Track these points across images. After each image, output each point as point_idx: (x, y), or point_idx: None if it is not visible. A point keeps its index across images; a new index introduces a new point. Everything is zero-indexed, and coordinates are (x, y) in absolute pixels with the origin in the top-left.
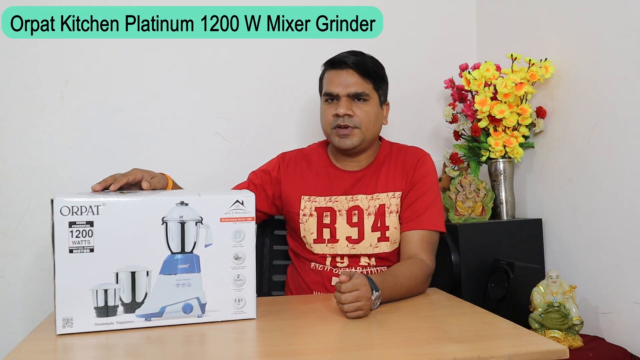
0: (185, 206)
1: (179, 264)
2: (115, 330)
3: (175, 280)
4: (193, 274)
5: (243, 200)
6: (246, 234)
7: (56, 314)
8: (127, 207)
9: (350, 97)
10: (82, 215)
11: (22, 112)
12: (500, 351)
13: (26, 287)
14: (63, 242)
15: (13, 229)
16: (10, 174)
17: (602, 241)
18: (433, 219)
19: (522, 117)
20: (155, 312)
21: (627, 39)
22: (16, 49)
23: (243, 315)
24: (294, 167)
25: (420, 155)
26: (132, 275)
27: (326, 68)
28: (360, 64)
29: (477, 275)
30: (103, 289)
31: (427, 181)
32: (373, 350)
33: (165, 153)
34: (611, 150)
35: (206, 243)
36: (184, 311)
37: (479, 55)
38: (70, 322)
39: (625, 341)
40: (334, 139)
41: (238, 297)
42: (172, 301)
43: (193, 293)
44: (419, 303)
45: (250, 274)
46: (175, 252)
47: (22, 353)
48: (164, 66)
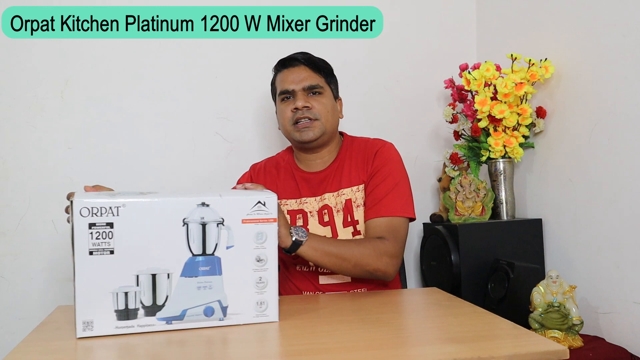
0: (206, 207)
1: (200, 266)
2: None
3: (196, 283)
4: (214, 277)
5: (265, 201)
6: (268, 235)
7: (76, 316)
8: (147, 208)
9: (305, 91)
10: (102, 217)
11: (22, 112)
12: (500, 351)
13: (26, 287)
14: (83, 244)
15: (13, 229)
16: (10, 174)
17: (602, 241)
18: (394, 204)
19: (522, 117)
20: (176, 316)
21: (627, 39)
22: (16, 49)
23: (265, 318)
24: (264, 175)
25: (380, 145)
26: (153, 277)
27: (277, 70)
28: (310, 60)
29: (477, 275)
30: (123, 292)
31: (386, 169)
32: (373, 350)
33: (165, 153)
34: (611, 150)
35: (228, 245)
36: (205, 314)
37: (479, 55)
38: (91, 325)
39: (625, 341)
40: (296, 135)
41: (260, 299)
42: (194, 304)
43: (214, 296)
44: (419, 303)
45: (273, 277)
46: (197, 254)
47: (22, 353)
48: (164, 66)
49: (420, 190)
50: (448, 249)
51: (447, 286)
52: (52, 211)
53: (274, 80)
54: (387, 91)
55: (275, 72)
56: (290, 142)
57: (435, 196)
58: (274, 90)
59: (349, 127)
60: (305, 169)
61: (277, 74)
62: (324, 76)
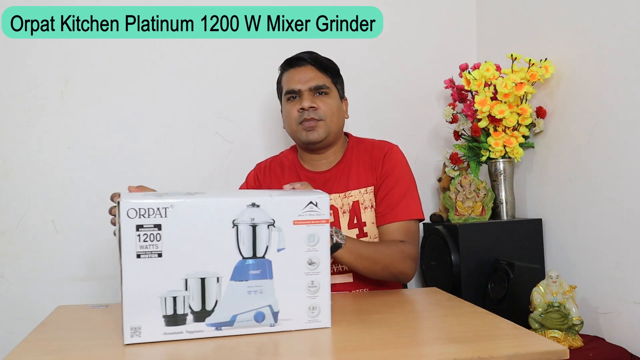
0: (256, 208)
1: (250, 270)
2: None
3: (246, 287)
4: (265, 281)
5: (317, 202)
6: (320, 237)
7: (124, 322)
8: (196, 208)
9: (311, 91)
10: (150, 218)
11: (22, 112)
12: (500, 351)
13: (26, 287)
14: (130, 246)
15: (13, 229)
16: (10, 174)
17: (602, 241)
18: (409, 208)
19: (522, 117)
20: (226, 321)
21: (627, 39)
22: (16, 49)
23: (317, 324)
24: (270, 174)
25: (387, 148)
26: (202, 281)
27: (283, 69)
28: (317, 60)
29: (477, 275)
30: (172, 297)
31: (396, 172)
32: (372, 350)
33: (165, 153)
34: (611, 150)
35: (279, 247)
36: (255, 320)
37: (479, 55)
38: (138, 331)
39: (625, 341)
40: (301, 135)
41: (312, 304)
42: (244, 309)
43: (265, 301)
44: (419, 303)
45: (325, 280)
46: (247, 257)
47: (22, 353)
48: (164, 66)
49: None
50: (448, 249)
51: (447, 286)
52: (52, 211)
53: (279, 79)
54: (387, 91)
55: (282, 71)
56: (295, 142)
57: (435, 196)
58: (279, 89)
59: (348, 127)
60: (310, 169)
61: (284, 73)
62: (330, 76)
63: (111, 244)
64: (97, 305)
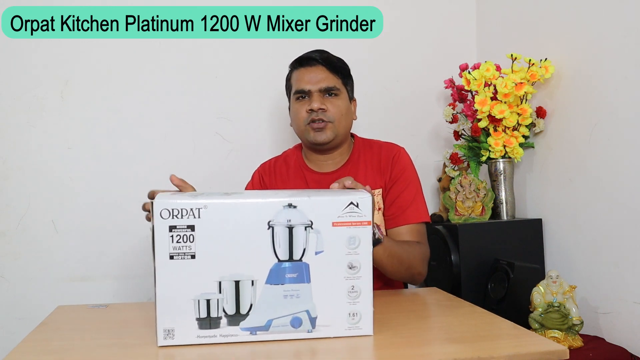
0: (293, 209)
1: (286, 273)
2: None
3: (282, 291)
4: (302, 285)
5: (358, 202)
6: (362, 240)
7: (157, 324)
8: (230, 209)
9: (321, 92)
10: (183, 219)
11: (22, 112)
12: (500, 351)
13: (26, 287)
14: (163, 247)
15: (13, 229)
16: (10, 174)
17: (602, 241)
18: (419, 211)
19: (522, 117)
20: (261, 326)
21: (627, 39)
22: (16, 49)
23: (358, 331)
24: (275, 174)
25: (396, 150)
26: (236, 284)
27: (294, 67)
28: (328, 60)
29: (477, 275)
30: (205, 299)
31: (406, 175)
32: (372, 350)
33: (165, 153)
34: (611, 150)
35: (317, 250)
36: (292, 325)
37: (479, 55)
38: (172, 333)
39: (625, 341)
40: (309, 135)
41: (352, 311)
42: (280, 314)
43: (302, 305)
44: (419, 303)
45: (367, 285)
46: (283, 259)
47: (22, 353)
48: (164, 66)
49: None
50: (448, 249)
51: (447, 286)
52: (52, 211)
53: (289, 77)
54: (387, 91)
55: (292, 69)
56: (302, 141)
57: (435, 196)
58: (288, 87)
59: None
60: (316, 169)
61: (294, 71)
62: (340, 77)
63: (111, 243)
64: (97, 305)
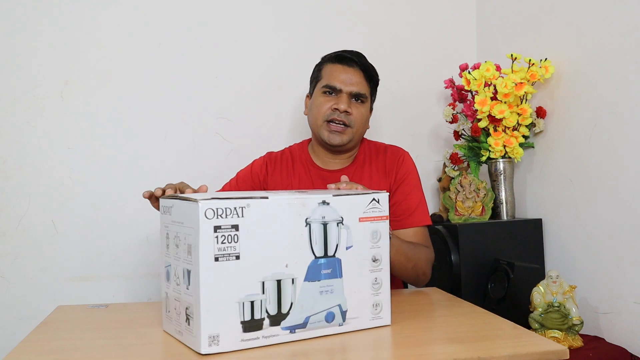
0: (326, 206)
1: (322, 269)
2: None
3: (319, 287)
4: (335, 280)
5: (379, 199)
6: (382, 234)
7: (201, 330)
8: (271, 207)
9: (350, 96)
10: (227, 219)
11: (22, 112)
12: (500, 351)
13: (26, 287)
14: (208, 249)
15: (13, 229)
16: (10, 174)
17: (602, 241)
18: (424, 215)
19: (522, 117)
20: (299, 324)
21: (627, 39)
22: (16, 49)
23: (380, 321)
24: (280, 166)
25: (402, 154)
26: (278, 283)
27: (330, 61)
28: (365, 66)
29: (477, 275)
30: (250, 301)
31: (411, 179)
32: (372, 350)
33: (165, 153)
34: (611, 150)
35: (347, 245)
36: (326, 320)
37: (479, 55)
38: (217, 339)
39: (625, 341)
40: (323, 133)
41: (376, 301)
42: (316, 310)
43: (335, 300)
44: (419, 303)
45: (386, 277)
46: (319, 256)
47: (22, 353)
48: (164, 66)
49: None
50: (448, 249)
51: (447, 286)
52: (52, 211)
53: (320, 68)
54: (387, 91)
55: (327, 62)
56: (313, 135)
57: (435, 196)
58: (317, 77)
59: None
60: (322, 166)
61: (328, 64)
62: (371, 86)
63: (112, 243)
64: (97, 305)
